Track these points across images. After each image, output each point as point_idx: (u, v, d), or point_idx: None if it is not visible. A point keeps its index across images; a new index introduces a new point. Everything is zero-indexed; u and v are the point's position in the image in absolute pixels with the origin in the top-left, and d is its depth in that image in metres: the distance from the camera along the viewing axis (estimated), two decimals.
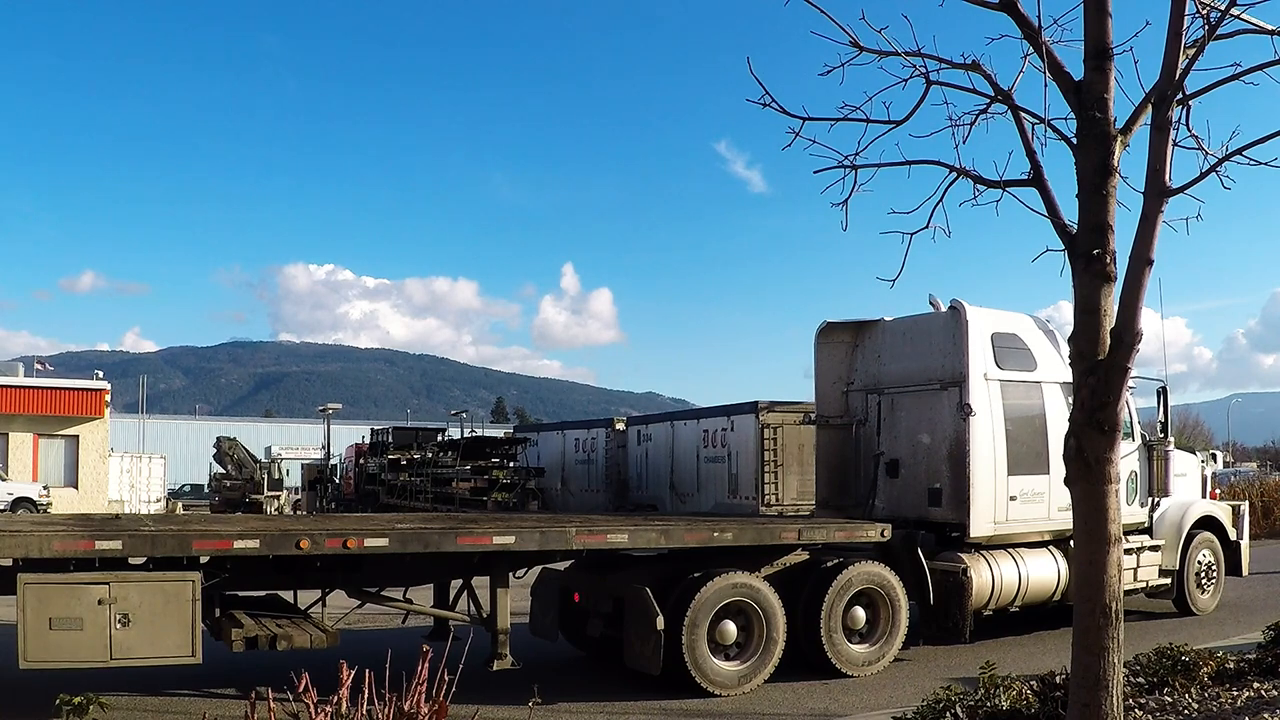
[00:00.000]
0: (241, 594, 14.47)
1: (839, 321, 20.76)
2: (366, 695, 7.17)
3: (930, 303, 19.55)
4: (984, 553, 17.82)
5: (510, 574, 15.25)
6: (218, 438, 70.81)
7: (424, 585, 16.11)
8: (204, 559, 13.20)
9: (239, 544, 13.06)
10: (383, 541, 13.76)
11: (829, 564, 16.54)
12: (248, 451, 67.27)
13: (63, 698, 8.55)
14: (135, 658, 12.40)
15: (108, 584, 12.30)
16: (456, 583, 16.21)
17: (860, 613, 16.48)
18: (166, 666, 12.98)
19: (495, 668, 14.65)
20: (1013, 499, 17.89)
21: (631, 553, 16.08)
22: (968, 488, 17.52)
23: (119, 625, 12.25)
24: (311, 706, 6.98)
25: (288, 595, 14.98)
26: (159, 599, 12.52)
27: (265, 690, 7.30)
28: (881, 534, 17.08)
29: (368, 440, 66.30)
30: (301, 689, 7.06)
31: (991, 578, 17.67)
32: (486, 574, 15.14)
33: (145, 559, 12.92)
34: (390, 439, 62.65)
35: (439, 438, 60.39)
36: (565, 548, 15.16)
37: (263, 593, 14.87)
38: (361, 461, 65.45)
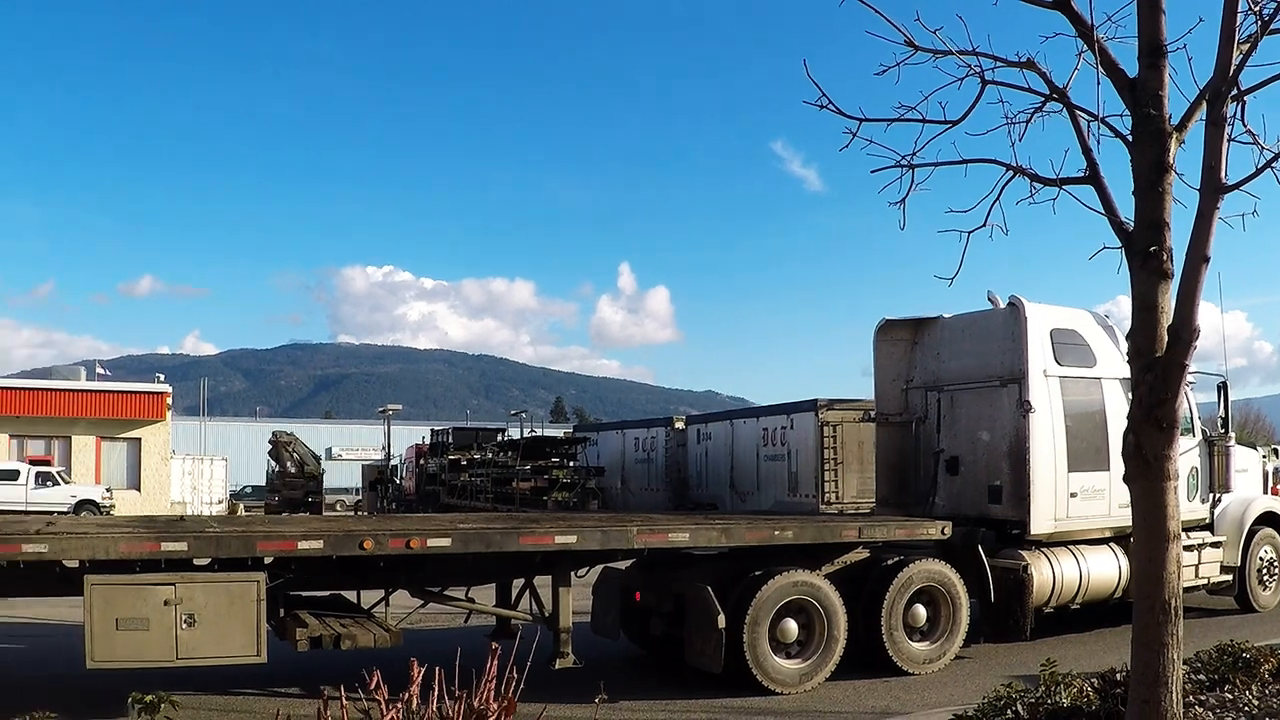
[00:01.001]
0: (305, 594, 14.62)
1: (898, 319, 20.75)
2: (437, 693, 7.26)
3: (989, 299, 19.41)
4: (1045, 550, 17.70)
5: (572, 573, 15.32)
6: (274, 432, 70.77)
7: (486, 585, 16.15)
8: (268, 560, 13.37)
9: (303, 545, 13.25)
10: (445, 541, 13.89)
11: (890, 562, 16.51)
12: (308, 448, 67.36)
13: (135, 696, 8.67)
14: (201, 658, 12.59)
15: (173, 585, 12.47)
16: (518, 582, 16.25)
17: (921, 610, 16.38)
18: (228, 667, 13.15)
19: (558, 666, 14.70)
20: (1073, 496, 17.77)
21: (692, 552, 16.03)
22: (1028, 485, 17.40)
23: (185, 625, 12.41)
24: (383, 704, 7.07)
25: (350, 595, 15.13)
26: (224, 599, 12.68)
27: (337, 689, 7.40)
28: (942, 531, 16.97)
29: (428, 441, 66.48)
30: (373, 686, 7.15)
31: (1052, 575, 17.57)
32: (548, 573, 15.25)
33: (210, 560, 13.08)
34: (450, 439, 62.83)
35: (499, 438, 60.54)
36: (627, 547, 15.14)
37: (326, 593, 15.02)
38: (422, 462, 65.77)
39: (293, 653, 13.57)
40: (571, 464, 51.53)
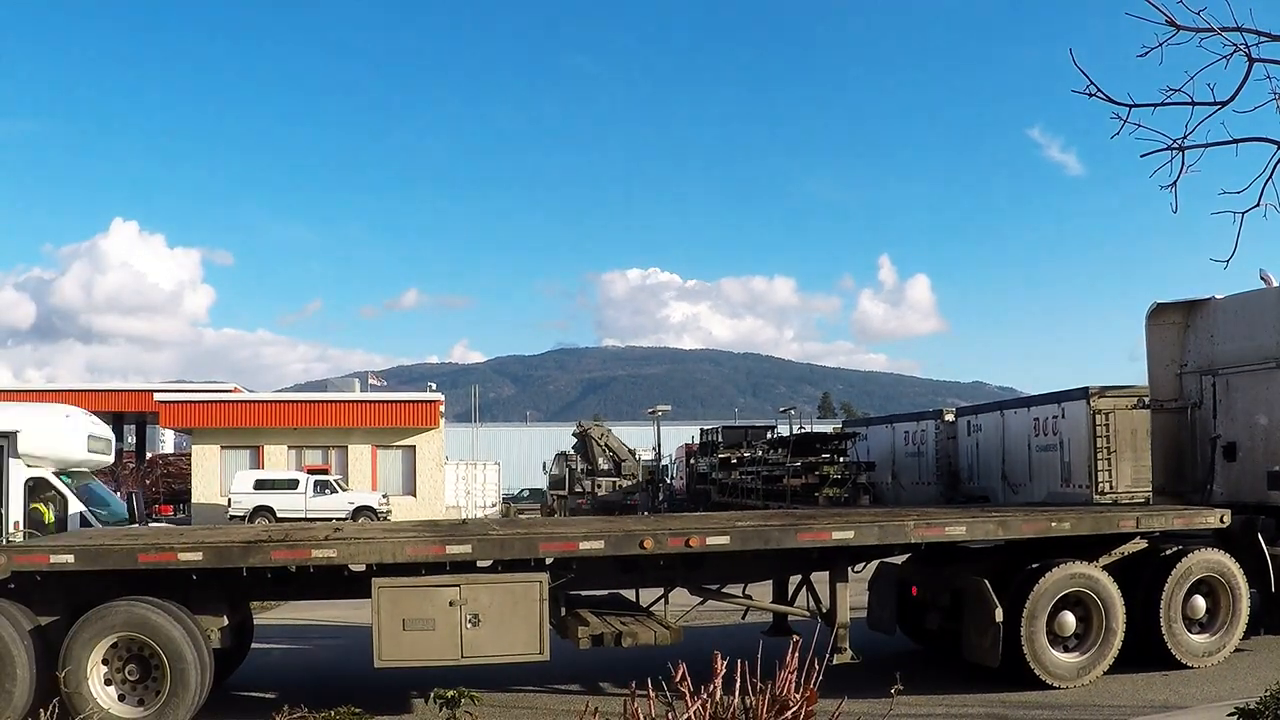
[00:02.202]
0: (584, 593, 15.06)
1: (1169, 302, 20.27)
2: (740, 685, 7.40)
3: (1261, 278, 19.09)
4: None
5: (849, 568, 15.40)
6: (579, 422, 71.06)
7: (762, 582, 16.38)
8: (549, 560, 13.85)
9: (584, 545, 13.70)
10: (724, 539, 14.20)
11: (1168, 552, 16.15)
12: (620, 440, 66.95)
13: (437, 691, 9.00)
14: (485, 656, 13.16)
15: (458, 586, 13.10)
16: (794, 578, 16.40)
17: (1200, 602, 15.98)
18: (507, 666, 13.69)
19: (836, 661, 14.40)
20: None
21: (969, 546, 15.99)
22: None
23: (469, 625, 13.01)
24: (688, 696, 7.23)
25: (628, 593, 15.51)
26: (508, 599, 13.24)
27: (632, 685, 7.58)
28: (1221, 520, 16.38)
29: (697, 440, 66.59)
30: (678, 679, 7.31)
31: None
32: (825, 569, 15.35)
33: (493, 561, 13.61)
34: (720, 438, 62.92)
35: (768, 435, 60.52)
36: (904, 541, 15.24)
37: (604, 592, 15.41)
38: (692, 461, 65.89)
39: (570, 652, 13.90)
40: (841, 459, 51.27)
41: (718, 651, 7.60)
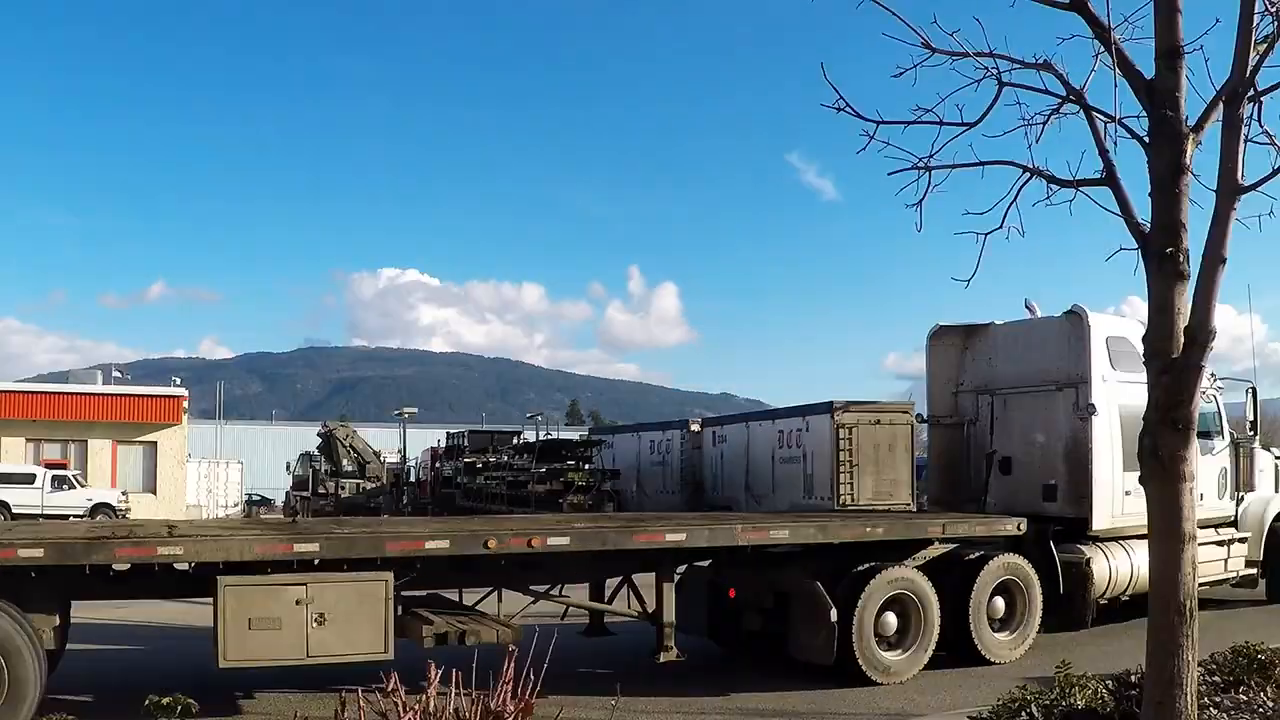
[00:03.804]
0: (414, 594, 14.89)
1: (950, 325, 22.16)
2: (453, 693, 7.32)
3: (1027, 307, 20.98)
4: (1100, 545, 19.04)
5: (673, 570, 16.09)
6: (324, 423, 69.85)
7: (579, 583, 16.90)
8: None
9: (430, 544, 13.84)
10: (564, 540, 14.63)
11: (971, 556, 17.63)
12: (366, 442, 65.69)
13: (152, 699, 8.71)
14: (330, 655, 13.04)
15: (305, 585, 12.93)
16: (613, 581, 17.00)
17: (1000, 602, 17.45)
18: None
19: (662, 659, 15.43)
20: (1127, 494, 18.53)
21: (775, 550, 16.59)
22: (1089, 484, 18.80)
23: (315, 624, 12.84)
24: (400, 704, 7.12)
25: (450, 594, 15.58)
26: (354, 598, 13.18)
27: (354, 690, 7.46)
28: (1018, 528, 17.92)
29: (443, 444, 66.22)
30: (390, 687, 7.20)
31: (1108, 568, 18.93)
32: (649, 570, 15.87)
33: (341, 560, 13.46)
34: (466, 442, 62.68)
35: (514, 441, 60.51)
36: (731, 543, 15.94)
37: (425, 592, 15.23)
38: (437, 465, 65.37)
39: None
40: (587, 466, 51.47)
41: (431, 661, 7.54)
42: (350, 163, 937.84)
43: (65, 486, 51.97)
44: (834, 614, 15.44)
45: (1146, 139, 8.03)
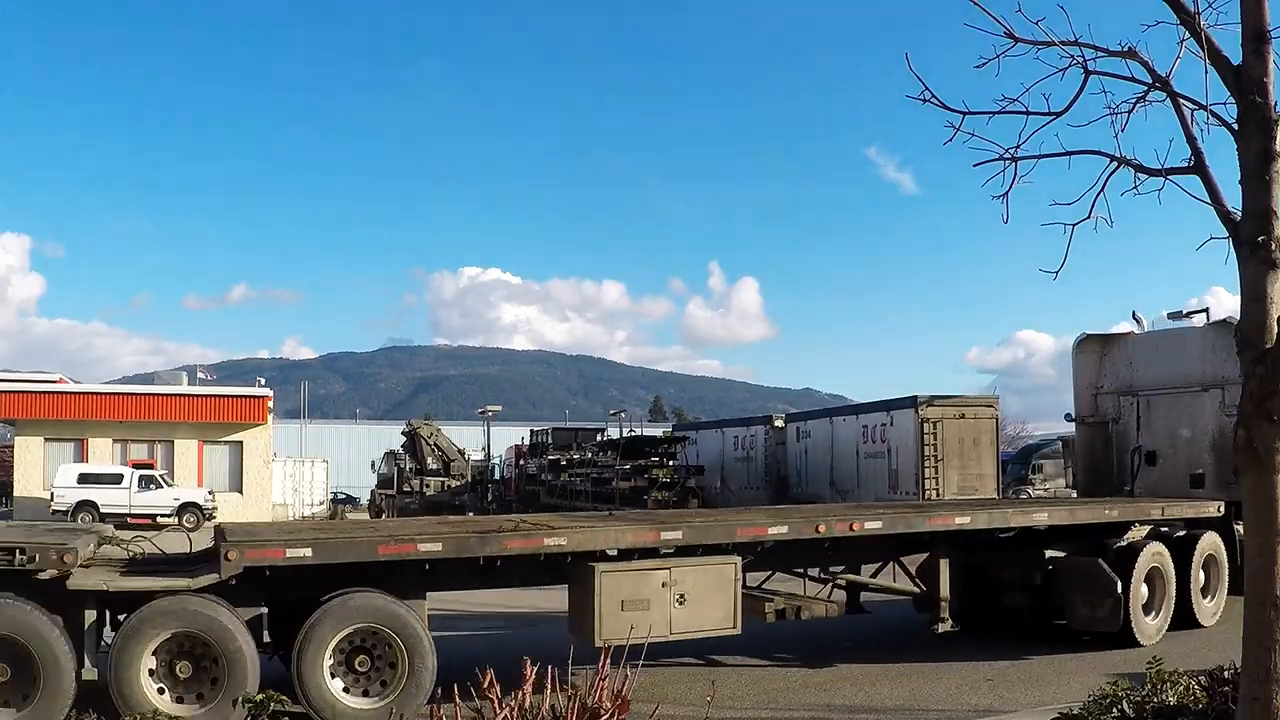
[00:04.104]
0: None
1: (1091, 334, 24.94)
2: (550, 690, 7.34)
3: (1134, 319, 24.24)
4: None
5: (948, 551, 17.70)
6: (408, 421, 70.02)
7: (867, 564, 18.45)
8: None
9: (772, 530, 15.44)
10: (878, 524, 16.47)
11: (1180, 535, 19.48)
12: (450, 440, 66.11)
13: (245, 694, 8.79)
14: (689, 632, 14.60)
15: (669, 569, 14.43)
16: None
17: (1203, 575, 19.49)
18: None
19: (940, 630, 17.56)
20: None
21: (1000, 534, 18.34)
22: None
23: (676, 604, 14.36)
24: (495, 702, 7.13)
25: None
26: (708, 580, 14.66)
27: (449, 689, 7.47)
28: (1218, 510, 19.86)
29: (527, 442, 66.37)
30: (485, 685, 7.20)
31: None
32: (926, 550, 17.91)
33: (696, 545, 14.88)
34: (550, 440, 62.76)
35: (598, 438, 60.57)
36: (1005, 525, 17.99)
37: (768, 573, 17.47)
38: (521, 462, 65.53)
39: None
40: (671, 463, 51.54)
41: (527, 658, 7.53)
42: (429, 163, 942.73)
43: (152, 486, 52.39)
44: (1119, 586, 17.42)
45: (1235, 125, 7.90)
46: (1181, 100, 8.15)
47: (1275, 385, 7.70)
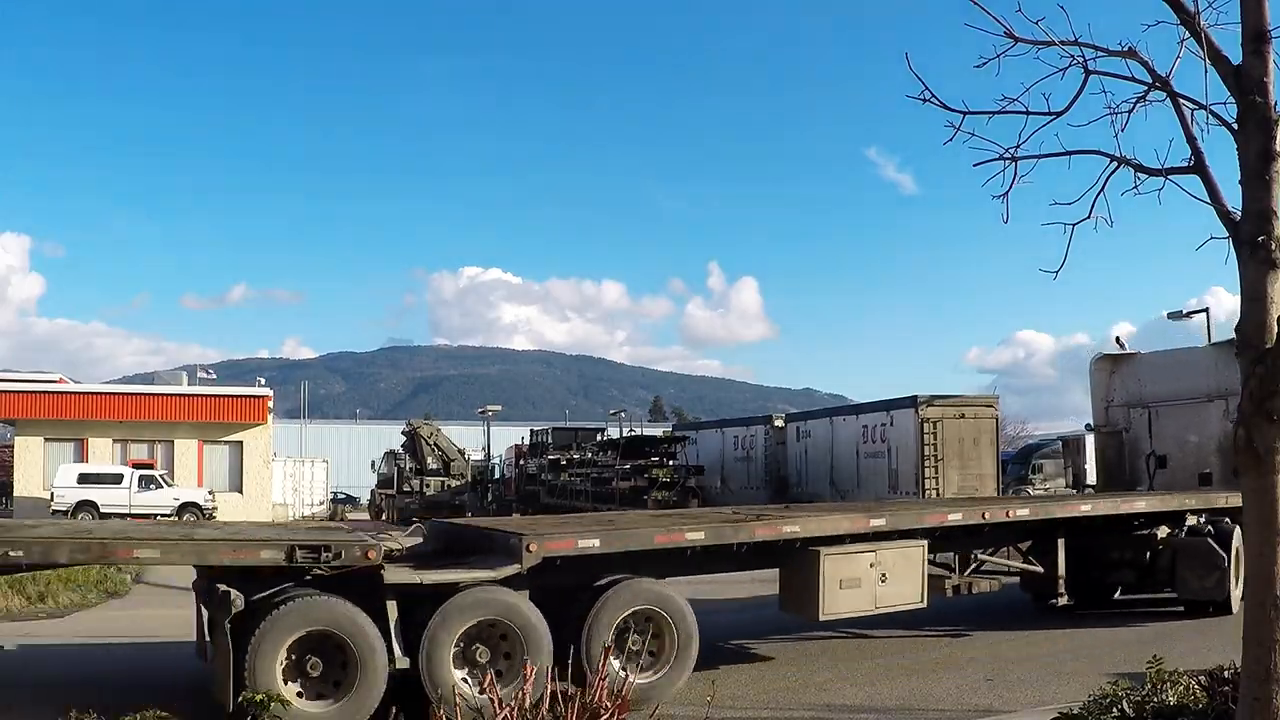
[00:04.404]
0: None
1: (1103, 354, 28.21)
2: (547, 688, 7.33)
3: (1118, 343, 29.08)
4: None
5: (1064, 535, 20.06)
6: (408, 421, 70.15)
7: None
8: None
9: (951, 516, 17.84)
10: (1026, 511, 19.20)
11: (1224, 525, 20.83)
12: (450, 440, 66.29)
13: (245, 695, 8.78)
14: (888, 606, 16.43)
15: (875, 551, 16.24)
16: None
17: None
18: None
19: (1059, 604, 20.34)
20: None
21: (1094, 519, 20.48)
22: None
23: (880, 582, 16.16)
24: (496, 702, 7.13)
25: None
26: (903, 560, 16.53)
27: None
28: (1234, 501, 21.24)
29: (527, 441, 66.45)
30: (486, 683, 7.21)
31: None
32: (1045, 537, 20.08)
33: (892, 530, 16.75)
34: (550, 440, 62.90)
35: (598, 438, 60.79)
36: (1115, 512, 20.26)
37: (951, 554, 19.67)
38: (521, 462, 65.64)
39: None
40: (671, 463, 51.76)
41: (528, 660, 7.56)
42: (429, 163, 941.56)
43: (152, 486, 52.47)
44: (1226, 560, 20.01)
45: (1235, 125, 7.91)
46: (1181, 100, 8.16)
47: (1275, 385, 7.71)
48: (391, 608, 12.58)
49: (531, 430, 69.42)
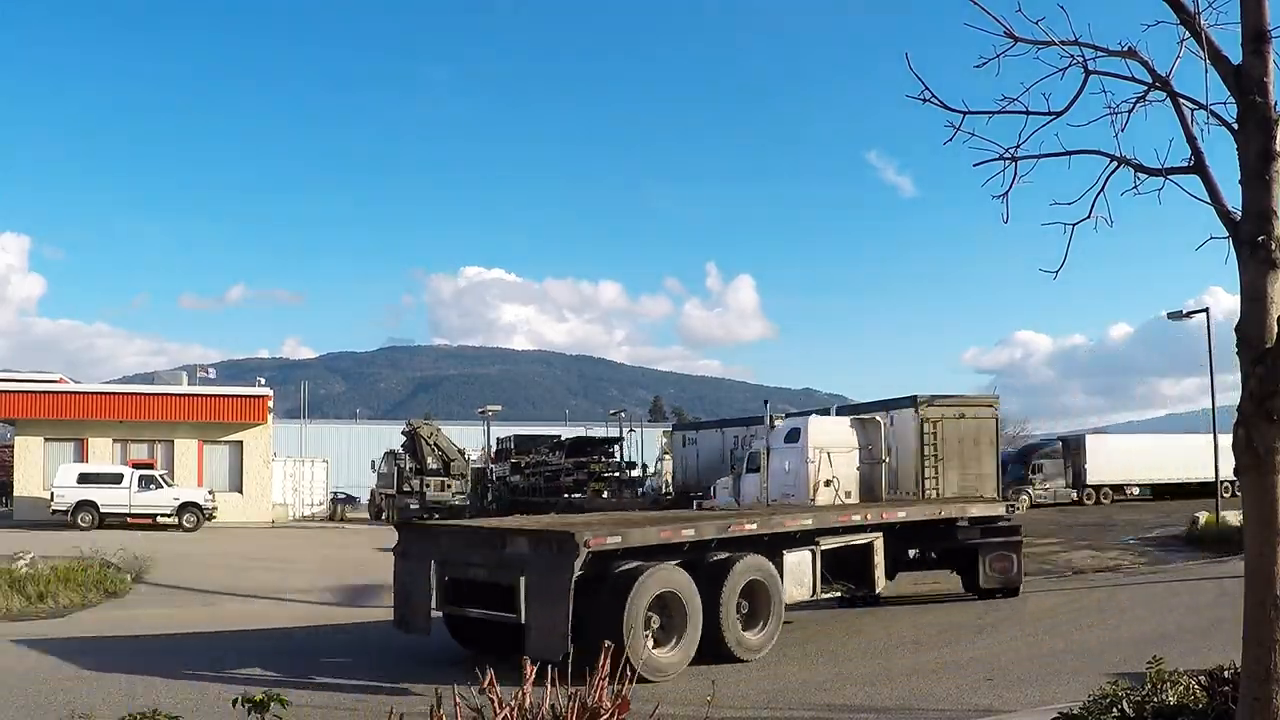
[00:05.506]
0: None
1: None
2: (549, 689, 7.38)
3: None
4: None
5: None
6: (408, 421, 70.29)
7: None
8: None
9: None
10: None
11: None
12: (450, 440, 66.39)
13: (244, 695, 8.77)
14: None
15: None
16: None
17: None
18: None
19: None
20: None
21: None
22: None
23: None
24: (496, 701, 7.14)
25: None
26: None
27: (450, 688, 7.49)
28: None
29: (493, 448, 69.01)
30: (486, 683, 7.22)
31: None
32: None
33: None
34: (513, 445, 66.16)
35: (552, 442, 64.79)
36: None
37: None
38: (491, 466, 67.53)
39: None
40: (608, 460, 61.17)
41: (525, 658, 7.56)
42: (429, 163, 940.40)
43: (152, 486, 52.36)
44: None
45: (1235, 125, 7.90)
46: (1181, 100, 8.15)
47: (1275, 385, 7.70)
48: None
49: (498, 438, 70.35)
